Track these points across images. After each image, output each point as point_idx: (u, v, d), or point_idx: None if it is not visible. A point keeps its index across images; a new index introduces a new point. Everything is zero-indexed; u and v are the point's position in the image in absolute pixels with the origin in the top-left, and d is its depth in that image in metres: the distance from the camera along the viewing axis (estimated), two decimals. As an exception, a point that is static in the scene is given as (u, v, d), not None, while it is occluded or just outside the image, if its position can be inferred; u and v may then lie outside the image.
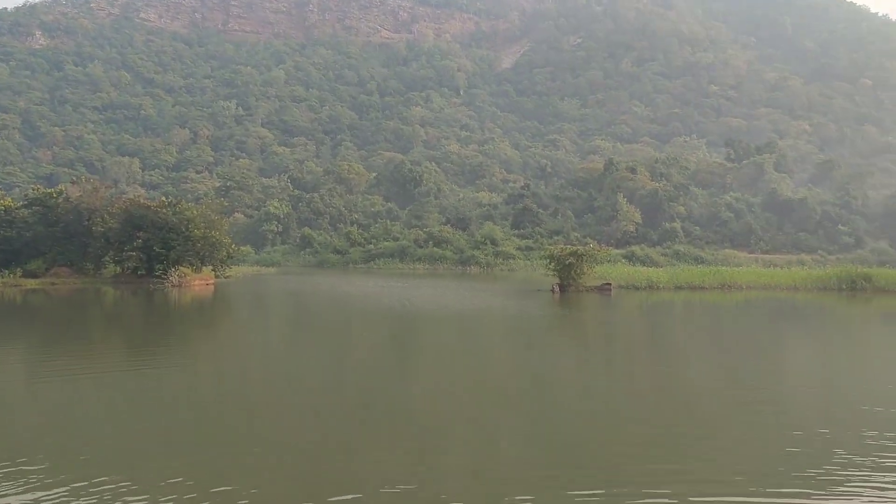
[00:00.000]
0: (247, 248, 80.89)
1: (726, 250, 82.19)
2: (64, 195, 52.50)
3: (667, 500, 7.70)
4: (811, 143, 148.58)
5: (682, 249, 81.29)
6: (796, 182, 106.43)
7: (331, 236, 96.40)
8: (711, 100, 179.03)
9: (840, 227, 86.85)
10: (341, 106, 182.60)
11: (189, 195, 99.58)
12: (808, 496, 7.95)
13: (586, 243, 57.59)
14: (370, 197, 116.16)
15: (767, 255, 79.45)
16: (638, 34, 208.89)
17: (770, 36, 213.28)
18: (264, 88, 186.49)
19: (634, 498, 7.80)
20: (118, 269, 50.22)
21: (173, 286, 44.70)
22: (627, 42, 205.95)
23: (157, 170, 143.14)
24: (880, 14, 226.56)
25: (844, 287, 45.55)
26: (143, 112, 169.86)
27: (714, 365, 18.03)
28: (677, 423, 11.54)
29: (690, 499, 7.74)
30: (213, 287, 46.51)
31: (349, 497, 7.80)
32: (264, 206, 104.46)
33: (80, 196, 51.98)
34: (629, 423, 11.63)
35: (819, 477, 8.61)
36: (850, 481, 8.48)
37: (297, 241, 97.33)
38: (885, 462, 9.20)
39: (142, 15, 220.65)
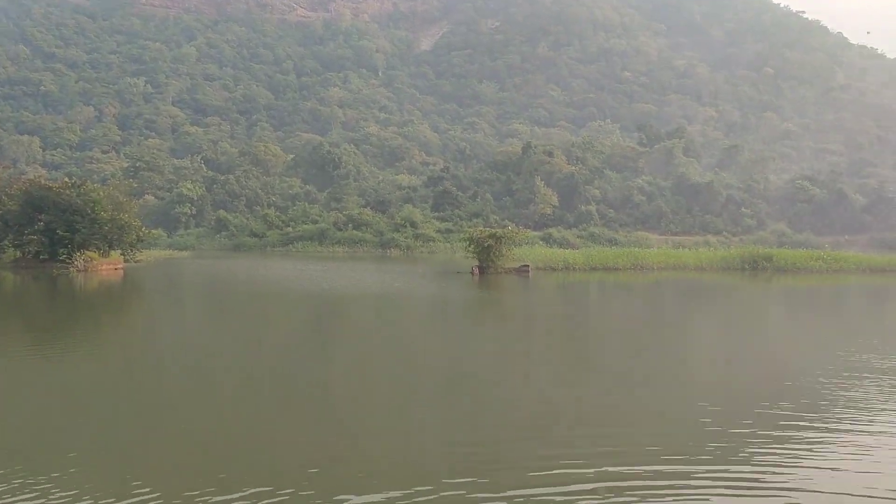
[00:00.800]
0: (158, 232, 77.99)
1: (638, 232, 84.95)
2: (-44, 175, 49.34)
3: (583, 472, 7.96)
4: (717, 128, 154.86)
5: (597, 231, 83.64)
6: (703, 166, 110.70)
7: (247, 219, 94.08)
8: (624, 85, 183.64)
9: (743, 209, 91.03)
10: (257, 85, 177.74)
11: (95, 176, 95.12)
12: (717, 462, 8.37)
13: (505, 226, 58.38)
14: (288, 179, 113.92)
15: (677, 237, 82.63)
16: (554, 19, 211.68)
17: (680, 24, 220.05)
18: (175, 65, 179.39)
19: (550, 469, 8.02)
20: (18, 253, 47.65)
21: (79, 271, 42.88)
22: (544, 26, 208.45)
23: (59, 149, 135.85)
24: (782, 5, 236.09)
25: (747, 267, 48.00)
26: (43, 88, 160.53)
27: (626, 341, 18.68)
28: (592, 399, 11.94)
29: (608, 470, 8.03)
30: (122, 272, 44.79)
31: (264, 476, 7.71)
32: (176, 188, 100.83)
33: (-25, 176, 48.98)
34: (545, 399, 11.94)
35: (727, 445, 9.08)
36: (756, 448, 8.98)
37: (212, 223, 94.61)
38: (792, 427, 9.78)
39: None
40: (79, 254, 44.76)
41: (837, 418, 10.39)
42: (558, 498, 7.26)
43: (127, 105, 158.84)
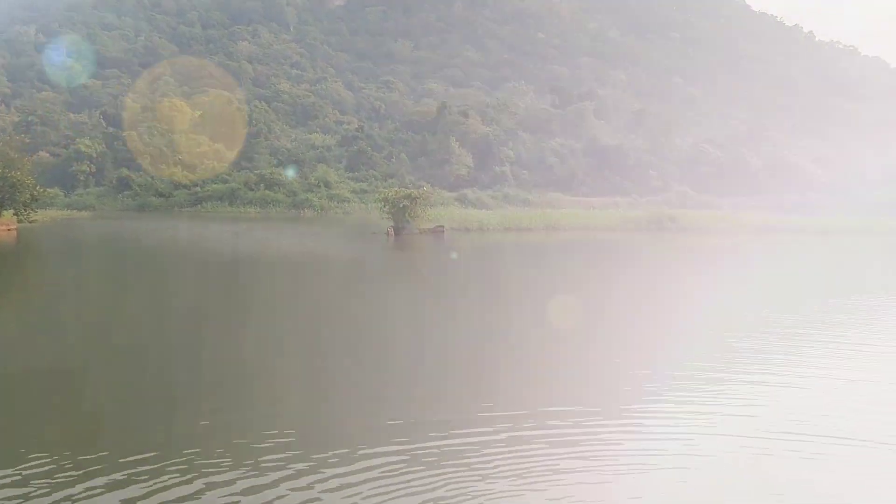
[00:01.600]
0: (54, 191, 73.77)
1: (551, 193, 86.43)
2: None
3: (493, 428, 8.09)
4: (627, 92, 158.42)
5: (511, 193, 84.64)
6: (613, 129, 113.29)
7: (152, 178, 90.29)
8: (538, 47, 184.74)
9: (651, 171, 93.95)
10: (159, 37, 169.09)
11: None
12: (624, 412, 8.68)
13: (420, 186, 58.21)
14: (195, 136, 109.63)
15: (588, 199, 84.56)
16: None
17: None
18: (69, 13, 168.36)
19: (460, 427, 8.11)
20: None
21: (-33, 233, 40.25)
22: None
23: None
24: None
25: (653, 227, 49.80)
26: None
27: (537, 301, 19.05)
28: (502, 357, 12.13)
29: (519, 422, 8.17)
30: (15, 233, 42.28)
31: (169, 445, 7.47)
32: (73, 145, 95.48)
33: None
34: (456, 358, 12.05)
35: (634, 395, 9.41)
36: (660, 397, 9.33)
37: (114, 182, 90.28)
38: (695, 376, 10.21)
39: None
40: (-34, 214, 42.00)
41: (739, 368, 10.94)
42: (467, 448, 7.36)
43: (17, 55, 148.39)
